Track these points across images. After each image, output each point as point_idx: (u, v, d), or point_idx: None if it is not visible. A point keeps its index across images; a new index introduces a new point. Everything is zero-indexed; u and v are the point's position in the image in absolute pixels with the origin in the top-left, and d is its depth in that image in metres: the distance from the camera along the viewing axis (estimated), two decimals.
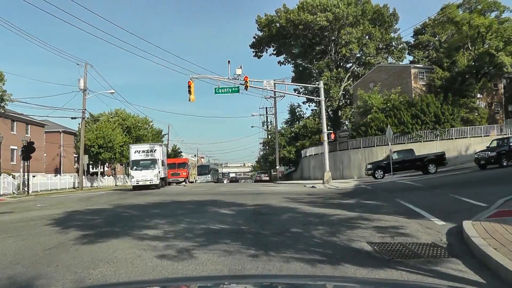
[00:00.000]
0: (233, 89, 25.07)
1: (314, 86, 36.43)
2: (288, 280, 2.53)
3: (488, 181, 16.51)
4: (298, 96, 52.55)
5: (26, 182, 29.41)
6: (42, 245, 6.83)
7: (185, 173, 45.15)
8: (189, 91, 23.88)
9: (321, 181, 26.91)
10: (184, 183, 42.68)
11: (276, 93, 47.19)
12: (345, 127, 47.81)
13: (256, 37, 49.42)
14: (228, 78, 24.33)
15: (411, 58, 49.69)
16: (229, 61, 24.18)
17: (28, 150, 28.18)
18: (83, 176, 37.98)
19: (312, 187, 23.86)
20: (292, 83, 44.49)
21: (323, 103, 26.42)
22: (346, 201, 12.89)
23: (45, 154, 47.53)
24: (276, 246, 6.08)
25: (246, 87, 24.32)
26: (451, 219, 7.74)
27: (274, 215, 9.96)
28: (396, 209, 10.07)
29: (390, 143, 25.34)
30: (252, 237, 6.94)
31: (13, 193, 28.77)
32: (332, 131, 30.25)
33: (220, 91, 25.06)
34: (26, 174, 29.36)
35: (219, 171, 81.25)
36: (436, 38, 47.02)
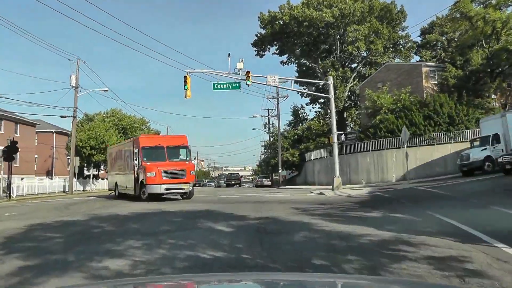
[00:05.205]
0: (233, 85, 22.79)
1: (322, 82, 34.20)
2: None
3: None
4: (303, 96, 50.53)
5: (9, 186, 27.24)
6: None
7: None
8: (185, 87, 21.72)
9: (329, 187, 24.70)
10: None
11: (279, 93, 45.19)
12: (349, 129, 45.70)
13: (259, 35, 47.35)
14: (228, 73, 22.12)
15: (418, 58, 47.81)
16: (229, 54, 21.97)
17: (10, 151, 25.93)
18: (74, 179, 35.84)
19: (320, 193, 21.64)
20: (298, 78, 42.21)
21: (332, 100, 24.14)
22: (369, 214, 10.68)
23: (36, 156, 45.40)
24: None
25: (248, 78, 21.95)
26: None
27: (284, 234, 7.74)
28: (438, 227, 7.93)
29: (405, 146, 23.28)
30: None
31: None
32: (342, 133, 28.14)
33: (219, 87, 22.77)
34: (4, 176, 27.15)
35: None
36: (444, 37, 45.10)
